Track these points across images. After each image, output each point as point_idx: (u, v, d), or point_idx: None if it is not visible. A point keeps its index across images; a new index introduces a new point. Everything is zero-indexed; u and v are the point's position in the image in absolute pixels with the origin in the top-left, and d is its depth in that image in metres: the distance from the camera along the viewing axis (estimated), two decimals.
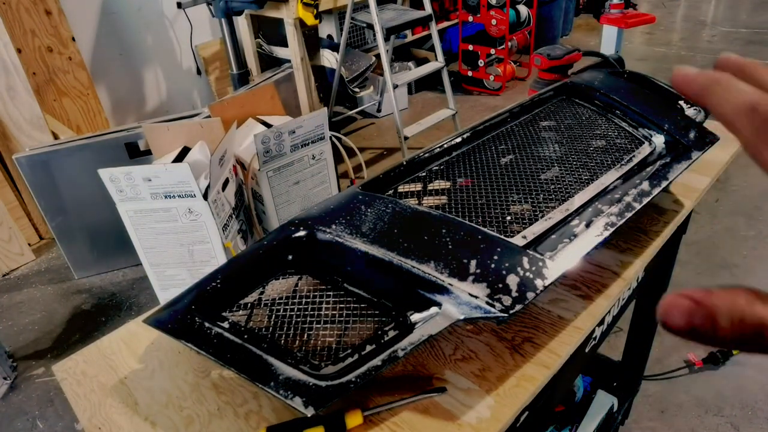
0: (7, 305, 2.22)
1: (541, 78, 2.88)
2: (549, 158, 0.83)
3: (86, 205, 2.18)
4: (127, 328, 0.76)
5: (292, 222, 0.71)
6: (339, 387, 0.52)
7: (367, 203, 0.71)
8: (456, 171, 0.82)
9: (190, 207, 1.44)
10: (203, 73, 3.33)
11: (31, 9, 2.43)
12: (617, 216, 0.69)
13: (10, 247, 2.41)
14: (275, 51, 3.12)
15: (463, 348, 0.67)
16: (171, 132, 1.66)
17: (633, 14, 3.17)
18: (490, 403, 0.59)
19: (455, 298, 0.59)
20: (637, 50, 4.69)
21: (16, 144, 2.41)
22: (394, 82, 2.64)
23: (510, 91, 3.92)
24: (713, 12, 5.73)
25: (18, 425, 1.71)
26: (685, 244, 1.20)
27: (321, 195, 1.81)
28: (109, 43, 2.93)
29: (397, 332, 0.59)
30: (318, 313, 0.63)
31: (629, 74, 1.03)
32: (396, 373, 0.64)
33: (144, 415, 0.62)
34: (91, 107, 2.74)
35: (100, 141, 2.11)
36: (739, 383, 1.66)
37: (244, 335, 0.58)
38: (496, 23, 3.67)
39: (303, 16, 2.49)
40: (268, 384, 0.52)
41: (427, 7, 2.80)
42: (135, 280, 2.30)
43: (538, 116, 0.96)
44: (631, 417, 1.59)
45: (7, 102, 2.34)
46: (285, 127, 1.59)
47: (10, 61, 2.27)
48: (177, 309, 0.61)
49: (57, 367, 0.71)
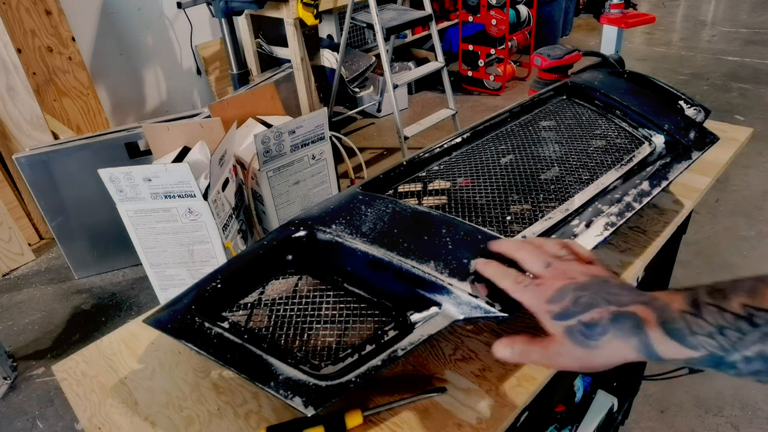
0: (7, 305, 2.22)
1: (541, 78, 2.89)
2: (549, 158, 0.83)
3: (86, 205, 2.17)
4: (127, 328, 0.76)
5: (292, 222, 0.71)
6: (339, 387, 0.52)
7: (367, 203, 0.71)
8: (456, 171, 0.82)
9: (190, 207, 1.44)
10: (203, 73, 3.33)
11: (31, 9, 2.43)
12: (617, 216, 0.69)
13: (10, 247, 2.41)
14: (275, 51, 3.12)
15: (463, 348, 0.67)
16: (171, 132, 1.66)
17: (633, 14, 3.17)
18: (490, 403, 0.59)
19: (455, 298, 0.59)
20: (637, 50, 4.69)
21: (16, 144, 2.41)
22: (394, 82, 2.64)
23: (510, 91, 3.92)
24: (713, 12, 5.74)
25: (18, 425, 1.71)
26: (685, 244, 1.20)
27: (321, 195, 1.81)
28: (109, 43, 2.93)
29: (397, 332, 0.59)
30: (318, 313, 0.63)
31: (629, 74, 1.03)
32: (396, 373, 0.64)
33: (144, 415, 0.62)
34: (91, 107, 2.74)
35: (100, 141, 2.11)
36: (739, 383, 1.66)
37: (244, 335, 0.58)
38: (496, 23, 3.67)
39: (303, 16, 2.49)
40: (268, 384, 0.52)
41: (427, 7, 2.80)
42: (135, 280, 2.30)
43: (538, 116, 0.96)
44: (631, 417, 1.59)
45: (7, 102, 2.34)
46: (285, 127, 1.59)
47: (10, 61, 2.27)
48: (177, 309, 0.61)
49: (57, 367, 0.71)
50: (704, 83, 3.86)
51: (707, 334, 0.41)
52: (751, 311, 0.39)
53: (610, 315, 0.46)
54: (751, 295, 0.40)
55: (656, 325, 0.43)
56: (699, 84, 3.85)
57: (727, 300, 0.41)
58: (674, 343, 0.42)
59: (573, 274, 0.51)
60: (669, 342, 0.43)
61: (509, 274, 0.54)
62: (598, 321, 0.46)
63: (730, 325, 0.40)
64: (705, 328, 0.41)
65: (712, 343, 0.40)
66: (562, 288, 0.49)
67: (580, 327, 0.47)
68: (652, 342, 0.43)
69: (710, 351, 0.41)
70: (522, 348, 0.52)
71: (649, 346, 0.43)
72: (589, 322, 0.46)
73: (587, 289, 0.48)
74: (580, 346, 0.47)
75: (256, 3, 2.51)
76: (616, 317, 0.45)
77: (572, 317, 0.47)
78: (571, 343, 0.47)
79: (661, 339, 0.43)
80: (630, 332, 0.44)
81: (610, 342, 0.45)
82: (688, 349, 0.42)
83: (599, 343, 0.46)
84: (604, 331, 0.45)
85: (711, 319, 0.41)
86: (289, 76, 2.75)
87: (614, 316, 0.45)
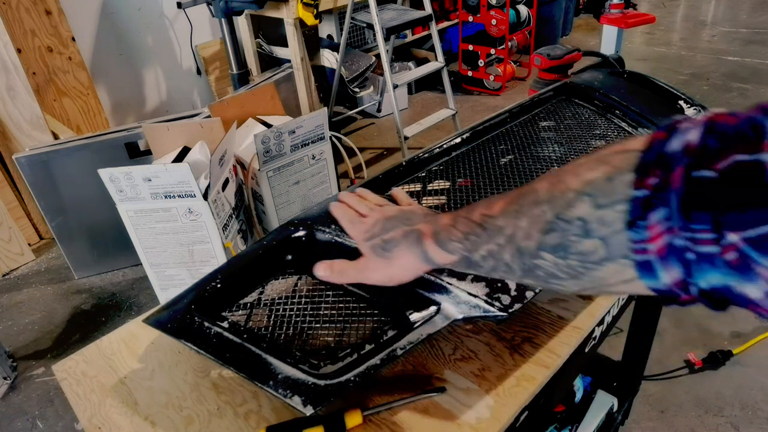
0: (7, 305, 2.22)
1: (541, 78, 2.89)
2: (549, 158, 0.83)
3: (86, 205, 2.18)
4: (127, 328, 0.76)
5: (291, 222, 0.71)
6: (338, 386, 0.52)
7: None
8: (456, 171, 0.82)
9: (190, 207, 1.44)
10: (203, 73, 3.33)
11: (31, 9, 2.43)
12: None
13: (10, 247, 2.41)
14: (275, 51, 3.12)
15: (462, 348, 0.67)
16: (171, 132, 1.66)
17: (633, 14, 3.17)
18: (490, 403, 0.60)
19: (454, 297, 0.59)
20: (637, 50, 4.70)
21: (16, 144, 2.41)
22: (394, 82, 2.64)
23: (510, 91, 3.92)
24: (713, 12, 5.74)
25: (18, 425, 1.71)
26: None
27: (321, 195, 1.81)
28: (109, 43, 2.93)
29: (396, 331, 0.59)
30: (317, 312, 0.63)
31: (629, 74, 1.03)
32: (395, 372, 0.64)
33: (144, 415, 0.62)
34: (91, 107, 2.74)
35: (100, 141, 2.11)
36: (739, 383, 1.66)
37: (244, 335, 0.58)
38: (496, 23, 3.67)
39: (303, 16, 2.49)
40: (268, 383, 0.52)
41: (427, 7, 2.80)
42: (135, 280, 2.30)
43: (538, 116, 0.96)
44: (631, 417, 1.59)
45: (7, 102, 2.34)
46: (285, 127, 1.59)
47: (10, 61, 2.27)
48: (177, 309, 0.61)
49: (57, 367, 0.71)
50: (704, 83, 3.86)
51: (458, 239, 0.49)
52: (485, 218, 0.46)
53: (402, 233, 0.56)
54: (488, 206, 0.46)
55: (430, 237, 0.52)
56: (699, 84, 3.85)
57: (472, 212, 0.48)
58: (441, 250, 0.51)
59: (388, 211, 0.63)
60: (438, 250, 0.51)
61: (348, 213, 0.67)
62: (393, 238, 0.57)
63: (471, 231, 0.47)
64: (456, 236, 0.49)
65: (461, 246, 0.48)
66: (375, 220, 0.62)
67: (381, 243, 0.58)
68: (427, 250, 0.52)
69: (462, 254, 0.49)
70: (340, 267, 0.62)
71: (426, 254, 0.53)
72: (387, 239, 0.57)
73: (394, 220, 0.60)
74: (380, 257, 0.57)
75: (256, 3, 2.51)
76: (406, 234, 0.56)
77: (376, 237, 0.59)
78: (374, 256, 0.58)
79: (433, 248, 0.52)
80: (413, 243, 0.54)
81: (401, 253, 0.55)
82: (448, 254, 0.50)
83: (393, 254, 0.56)
84: (396, 245, 0.56)
85: (461, 227, 0.49)
86: (289, 76, 2.75)
87: (405, 234, 0.56)
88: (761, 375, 1.69)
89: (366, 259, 0.59)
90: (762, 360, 1.73)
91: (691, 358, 1.74)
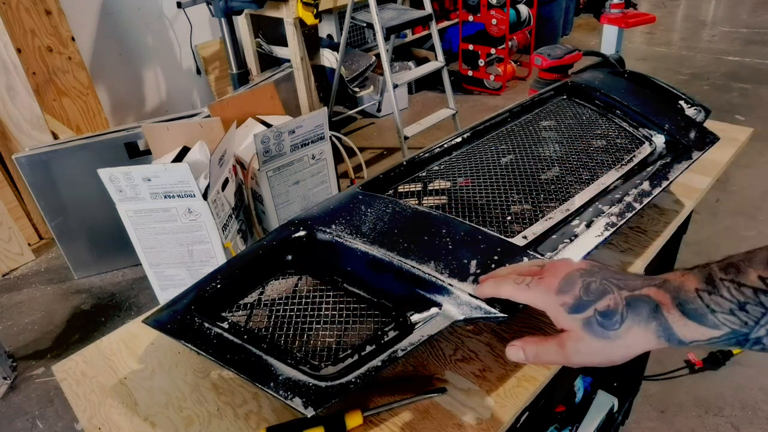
0: (7, 305, 2.22)
1: (541, 78, 2.88)
2: (549, 158, 0.83)
3: (86, 205, 2.17)
4: (126, 328, 0.76)
5: (291, 222, 0.71)
6: (339, 387, 0.52)
7: (367, 203, 0.71)
8: (456, 171, 0.82)
9: (190, 207, 1.44)
10: (203, 72, 3.33)
11: (31, 9, 2.43)
12: (617, 216, 0.69)
13: (10, 247, 2.41)
14: (275, 51, 3.12)
15: (463, 348, 0.67)
16: (171, 132, 1.66)
17: (633, 14, 3.16)
18: (491, 404, 0.59)
19: (455, 298, 0.58)
20: (638, 50, 4.69)
21: (16, 144, 2.41)
22: (394, 82, 2.64)
23: (510, 90, 3.92)
24: (713, 12, 5.73)
25: (18, 425, 1.71)
26: (685, 244, 1.20)
27: (321, 195, 1.81)
28: (109, 43, 2.93)
29: (397, 333, 0.59)
30: (318, 313, 0.63)
31: (629, 74, 1.02)
32: (396, 373, 0.64)
33: (144, 416, 0.62)
34: (90, 107, 2.73)
35: (100, 141, 2.11)
36: (739, 383, 1.66)
37: (244, 335, 0.58)
38: (496, 23, 3.67)
39: (303, 16, 2.49)
40: (268, 384, 0.52)
41: (427, 7, 2.80)
42: (135, 280, 2.30)
43: (538, 116, 0.96)
44: (631, 417, 1.59)
45: (7, 102, 2.34)
46: (285, 126, 1.59)
47: (10, 60, 2.27)
48: (176, 309, 0.61)
49: (57, 367, 0.71)
50: (704, 83, 3.86)
51: (727, 311, 0.39)
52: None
53: (624, 301, 0.43)
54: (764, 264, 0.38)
55: (673, 307, 0.41)
56: (699, 84, 3.85)
57: (742, 274, 0.39)
58: (694, 324, 0.40)
59: (570, 264, 0.48)
60: (689, 323, 0.41)
61: (506, 280, 0.51)
62: (614, 309, 0.43)
63: (751, 300, 0.38)
64: (724, 306, 0.39)
65: (734, 320, 0.39)
66: (568, 275, 0.46)
67: (597, 317, 0.44)
68: (671, 325, 0.41)
69: (732, 328, 0.39)
70: (535, 349, 0.49)
71: (669, 330, 0.41)
72: (605, 311, 0.43)
73: (594, 275, 0.46)
74: (600, 338, 0.43)
75: (256, 2, 2.51)
76: (631, 302, 0.43)
77: (588, 307, 0.44)
78: (590, 336, 0.44)
79: (681, 321, 0.41)
80: (648, 317, 0.42)
81: (629, 330, 0.42)
82: (710, 328, 0.40)
83: (619, 332, 0.43)
84: (621, 319, 0.43)
85: (729, 295, 0.39)
86: (289, 75, 2.74)
87: (629, 302, 0.43)
88: (761, 375, 1.69)
89: (575, 340, 0.45)
90: (762, 360, 1.73)
91: (691, 359, 1.74)
